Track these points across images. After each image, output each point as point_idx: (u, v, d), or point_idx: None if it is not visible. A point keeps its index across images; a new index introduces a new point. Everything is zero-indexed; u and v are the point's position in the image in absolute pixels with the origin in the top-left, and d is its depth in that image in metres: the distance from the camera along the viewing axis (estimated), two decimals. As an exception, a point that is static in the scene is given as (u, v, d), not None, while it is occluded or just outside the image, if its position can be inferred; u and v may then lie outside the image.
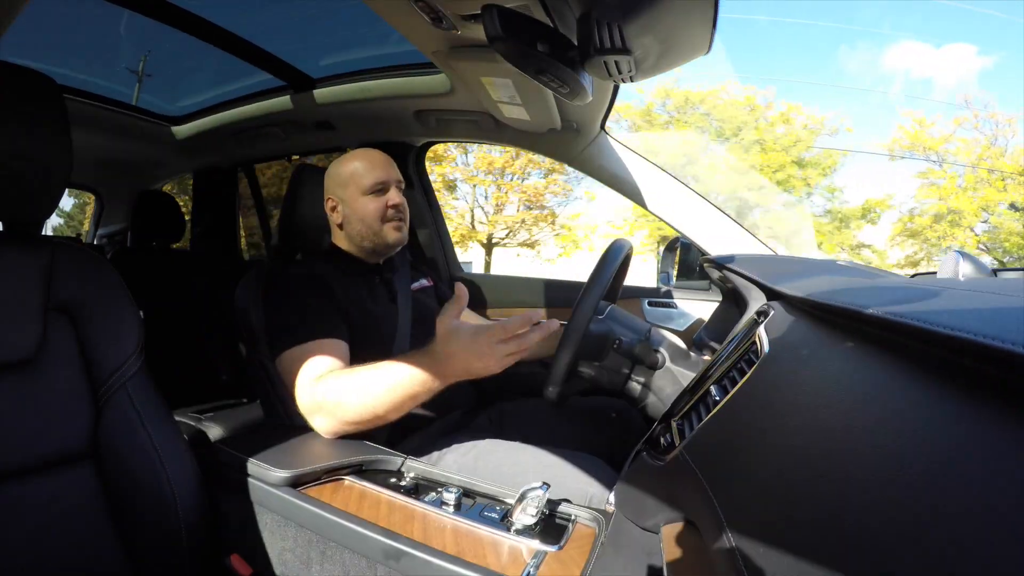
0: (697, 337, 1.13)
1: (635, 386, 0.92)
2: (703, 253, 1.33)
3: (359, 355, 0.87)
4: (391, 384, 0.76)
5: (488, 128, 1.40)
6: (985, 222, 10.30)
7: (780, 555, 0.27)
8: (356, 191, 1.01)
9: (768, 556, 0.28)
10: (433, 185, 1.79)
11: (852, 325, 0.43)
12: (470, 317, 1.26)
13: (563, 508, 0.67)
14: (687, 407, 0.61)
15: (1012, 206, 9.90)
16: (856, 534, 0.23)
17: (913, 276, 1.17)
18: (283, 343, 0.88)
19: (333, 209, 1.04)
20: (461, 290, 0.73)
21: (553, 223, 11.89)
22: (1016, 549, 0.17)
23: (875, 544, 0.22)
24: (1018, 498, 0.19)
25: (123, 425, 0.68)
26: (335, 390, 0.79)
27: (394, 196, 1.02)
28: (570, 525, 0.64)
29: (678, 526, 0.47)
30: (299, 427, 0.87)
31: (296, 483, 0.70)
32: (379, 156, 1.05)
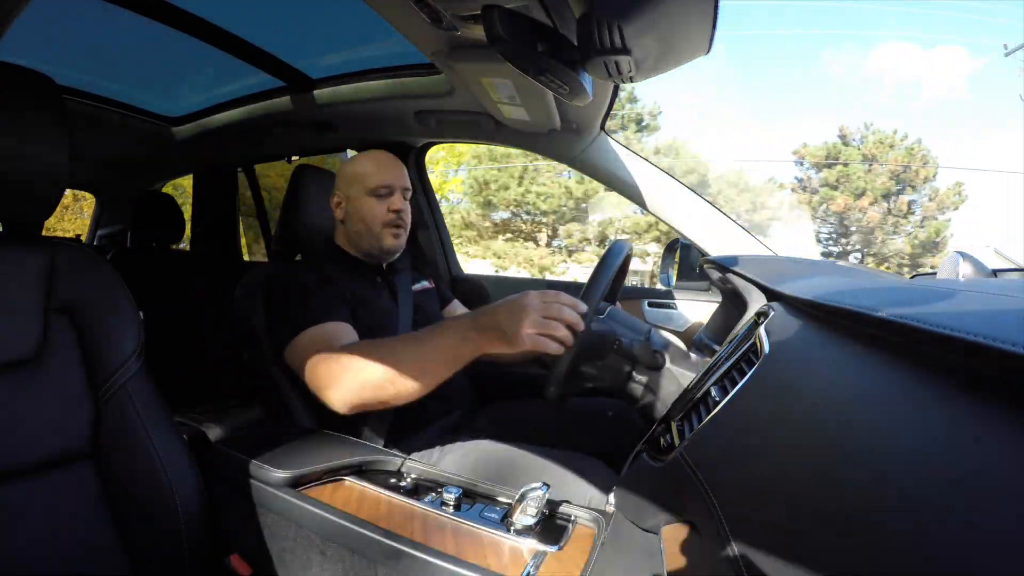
0: (697, 338, 1.13)
1: (636, 387, 0.92)
2: (703, 254, 1.33)
3: None
4: (416, 342, 0.74)
5: (488, 128, 1.40)
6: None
7: (780, 558, 0.27)
8: (361, 190, 1.02)
9: (767, 558, 0.28)
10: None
11: (853, 326, 0.43)
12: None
13: (563, 508, 0.67)
14: (687, 408, 0.61)
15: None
16: (855, 537, 0.23)
17: (913, 277, 1.16)
18: (291, 332, 0.88)
19: (338, 205, 1.05)
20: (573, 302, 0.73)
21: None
22: (1021, 550, 0.17)
23: (877, 548, 0.22)
24: (1021, 498, 0.19)
25: (123, 425, 0.68)
26: (355, 355, 0.76)
27: (397, 202, 1.03)
28: (570, 525, 0.64)
29: (678, 527, 0.47)
30: (300, 428, 0.87)
31: (296, 483, 0.70)
32: (390, 160, 1.05)
